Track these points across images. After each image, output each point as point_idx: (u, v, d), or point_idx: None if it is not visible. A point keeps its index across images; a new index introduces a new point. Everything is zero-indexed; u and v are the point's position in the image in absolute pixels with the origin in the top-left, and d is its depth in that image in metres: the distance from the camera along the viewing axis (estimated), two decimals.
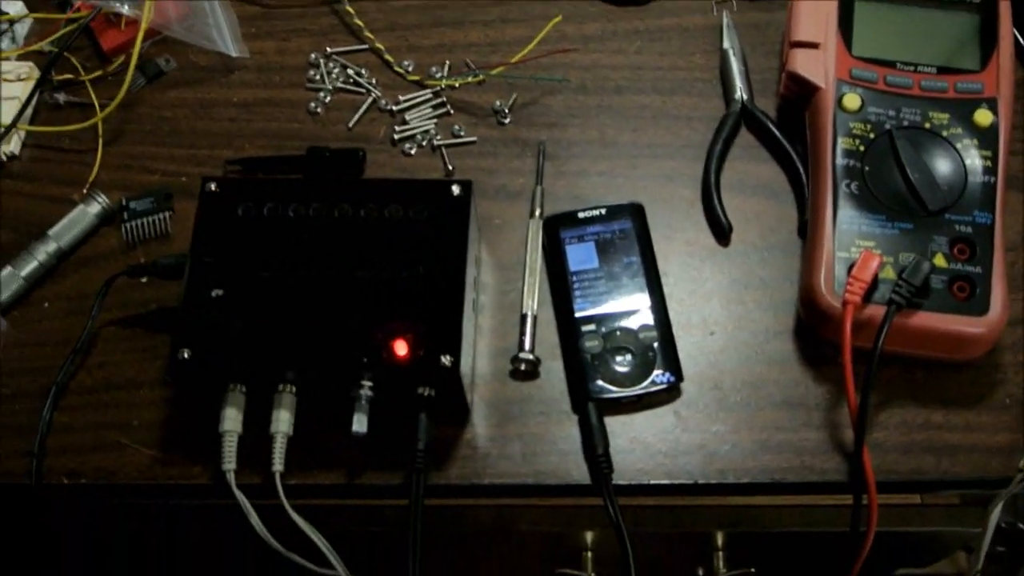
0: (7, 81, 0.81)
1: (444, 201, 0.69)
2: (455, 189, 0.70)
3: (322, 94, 0.84)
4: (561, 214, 0.77)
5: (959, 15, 0.77)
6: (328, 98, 0.84)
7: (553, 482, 0.69)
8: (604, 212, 0.77)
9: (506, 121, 0.83)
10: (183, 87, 0.84)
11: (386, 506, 0.77)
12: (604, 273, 0.75)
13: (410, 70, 0.85)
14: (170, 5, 0.83)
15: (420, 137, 0.82)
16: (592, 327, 0.73)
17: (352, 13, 0.86)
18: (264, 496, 0.66)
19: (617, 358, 0.72)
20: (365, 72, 0.85)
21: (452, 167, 0.81)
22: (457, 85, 0.83)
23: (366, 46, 0.86)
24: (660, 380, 0.72)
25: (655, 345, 0.72)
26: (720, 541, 0.84)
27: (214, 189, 0.70)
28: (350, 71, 0.85)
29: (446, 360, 0.64)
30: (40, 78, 0.82)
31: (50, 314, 0.75)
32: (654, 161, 0.81)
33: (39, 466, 0.69)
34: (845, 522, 0.67)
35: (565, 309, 0.74)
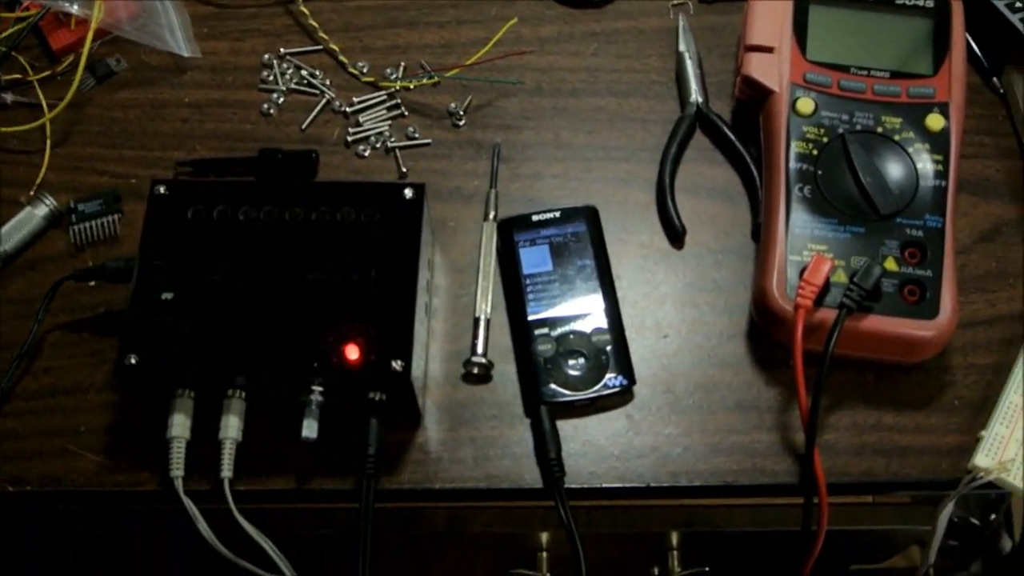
0: None
1: (397, 204, 0.69)
2: (408, 192, 0.69)
3: (275, 95, 0.83)
4: (515, 217, 0.77)
5: (912, 20, 0.77)
6: (281, 99, 0.83)
7: (505, 486, 0.69)
8: (558, 215, 0.76)
9: (461, 123, 0.82)
10: (134, 87, 0.83)
11: (337, 509, 0.76)
12: (558, 276, 0.74)
13: (364, 71, 0.84)
14: (121, 4, 0.81)
15: (374, 139, 0.82)
16: (545, 330, 0.72)
17: (306, 14, 0.85)
18: (213, 502, 0.65)
19: (570, 361, 0.71)
20: (319, 73, 0.84)
21: (406, 169, 0.80)
22: (412, 87, 0.83)
23: (320, 47, 0.85)
24: (613, 383, 0.71)
25: (608, 348, 0.72)
26: (674, 541, 0.84)
27: (163, 192, 0.69)
28: (304, 72, 0.84)
29: (397, 365, 0.64)
30: None
31: None
32: (609, 164, 0.80)
33: None
34: (797, 521, 0.67)
35: (518, 312, 0.73)
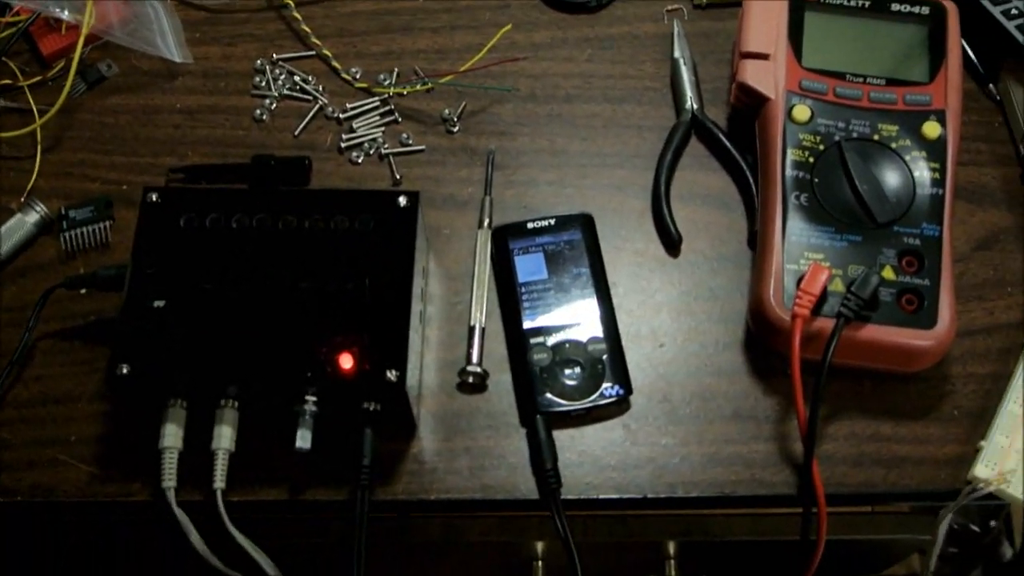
0: None
1: (391, 212, 0.68)
2: (402, 200, 0.69)
3: (268, 101, 0.83)
4: (510, 224, 0.76)
5: (908, 27, 0.77)
6: (274, 105, 0.83)
7: (501, 497, 0.68)
8: (553, 223, 0.76)
9: (455, 129, 0.82)
10: (125, 93, 0.82)
11: (331, 519, 0.75)
12: (553, 284, 0.74)
13: (357, 77, 0.84)
14: (112, 9, 0.80)
15: (367, 145, 0.81)
16: (540, 339, 0.72)
17: (299, 19, 0.84)
18: (205, 513, 0.65)
19: (566, 371, 0.71)
20: (312, 79, 0.84)
21: (400, 176, 0.80)
22: (405, 93, 0.82)
23: (313, 52, 0.85)
24: (609, 393, 0.71)
25: (604, 358, 0.72)
26: (672, 550, 0.83)
27: (155, 199, 0.68)
28: (296, 78, 0.84)
29: (392, 375, 0.63)
30: None
31: None
32: (604, 170, 0.80)
33: None
34: (796, 530, 0.67)
35: (513, 321, 0.73)
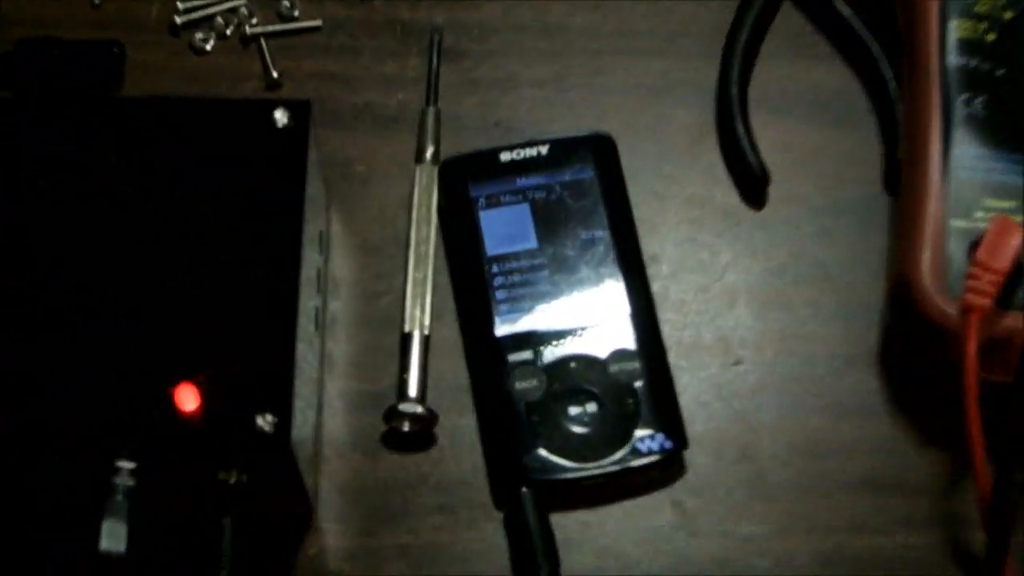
0: None
1: (261, 137, 0.68)
2: (280, 116, 0.68)
3: None
4: (470, 155, 0.76)
5: None
6: None
7: None
8: (546, 151, 0.75)
9: None
10: None
11: None
12: (547, 259, 0.73)
13: None
14: None
15: (221, 20, 0.81)
16: (527, 354, 0.71)
17: None
18: None
19: (571, 409, 0.70)
20: None
21: (278, 74, 0.79)
22: None
23: None
24: (647, 447, 0.69)
25: (637, 386, 0.70)
26: None
27: None
28: None
29: (264, 422, 0.61)
30: None
31: None
32: (632, 60, 0.80)
33: None
34: None
35: (480, 324, 0.72)
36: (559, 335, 0.71)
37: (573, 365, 0.70)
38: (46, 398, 0.62)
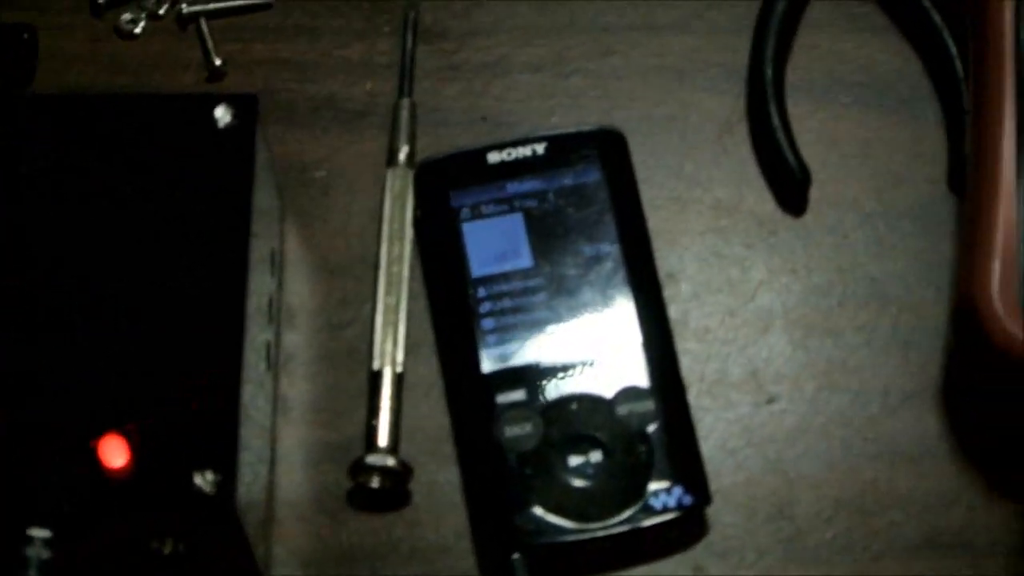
0: None
1: (200, 140, 0.66)
2: (221, 114, 0.66)
3: None
4: (452, 156, 0.74)
5: None
6: None
7: None
8: (542, 150, 0.73)
9: None
10: None
11: None
12: (543, 279, 0.70)
13: None
14: None
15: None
16: (519, 395, 0.68)
17: None
18: None
19: (572, 459, 0.67)
20: None
21: (222, 62, 0.78)
22: None
23: None
24: (663, 503, 0.66)
25: (650, 430, 0.67)
26: None
27: None
28: None
29: (204, 481, 0.59)
30: None
31: None
32: (646, 38, 0.79)
33: None
34: None
35: (463, 358, 0.70)
36: (557, 371, 0.68)
37: (574, 407, 0.67)
38: None
